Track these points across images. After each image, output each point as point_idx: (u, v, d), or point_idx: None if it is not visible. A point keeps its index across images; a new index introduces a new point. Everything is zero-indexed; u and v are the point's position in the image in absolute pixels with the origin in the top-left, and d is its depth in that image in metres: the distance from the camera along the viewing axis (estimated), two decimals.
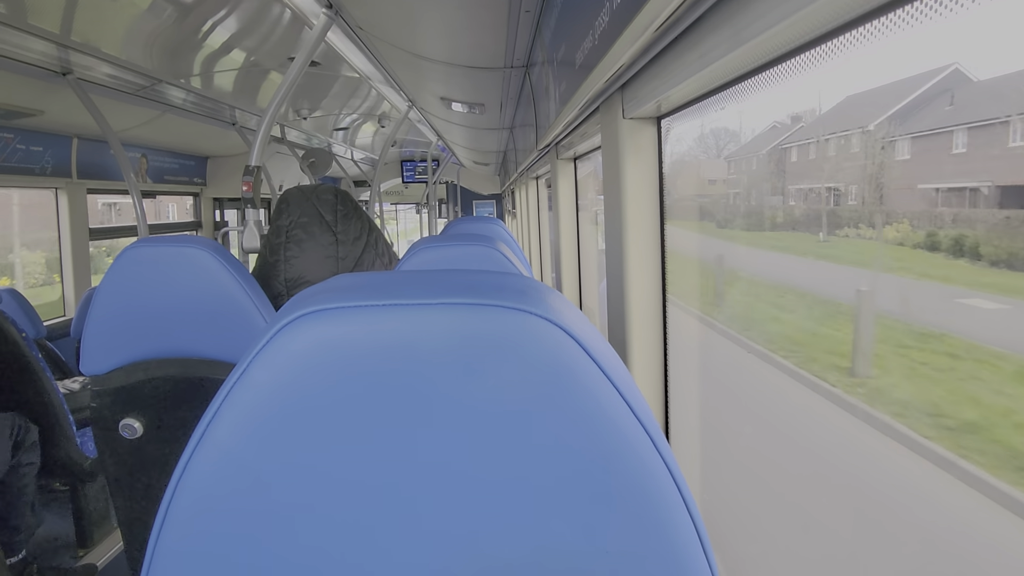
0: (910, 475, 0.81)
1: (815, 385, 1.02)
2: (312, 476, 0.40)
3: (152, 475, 1.40)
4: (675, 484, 0.41)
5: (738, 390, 1.34)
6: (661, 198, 1.25)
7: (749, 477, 1.25)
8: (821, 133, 0.99)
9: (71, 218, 3.77)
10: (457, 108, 3.75)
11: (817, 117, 1.00)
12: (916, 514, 0.83)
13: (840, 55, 0.62)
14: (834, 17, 0.57)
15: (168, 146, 4.73)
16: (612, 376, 0.40)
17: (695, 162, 1.46)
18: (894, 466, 0.84)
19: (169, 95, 3.48)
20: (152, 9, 2.30)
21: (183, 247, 1.25)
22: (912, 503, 0.83)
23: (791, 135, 1.10)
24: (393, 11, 2.13)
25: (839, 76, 0.74)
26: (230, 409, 0.40)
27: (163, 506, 0.42)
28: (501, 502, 0.40)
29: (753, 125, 1.23)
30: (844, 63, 0.63)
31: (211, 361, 1.33)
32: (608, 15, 0.96)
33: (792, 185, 1.10)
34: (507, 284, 0.42)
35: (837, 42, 0.61)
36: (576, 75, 1.41)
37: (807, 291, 1.09)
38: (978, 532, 0.73)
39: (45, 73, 2.74)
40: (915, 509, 0.83)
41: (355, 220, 1.58)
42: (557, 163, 2.56)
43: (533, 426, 0.39)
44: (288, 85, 2.20)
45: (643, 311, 1.26)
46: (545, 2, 1.74)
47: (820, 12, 0.55)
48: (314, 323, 0.39)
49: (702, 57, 0.78)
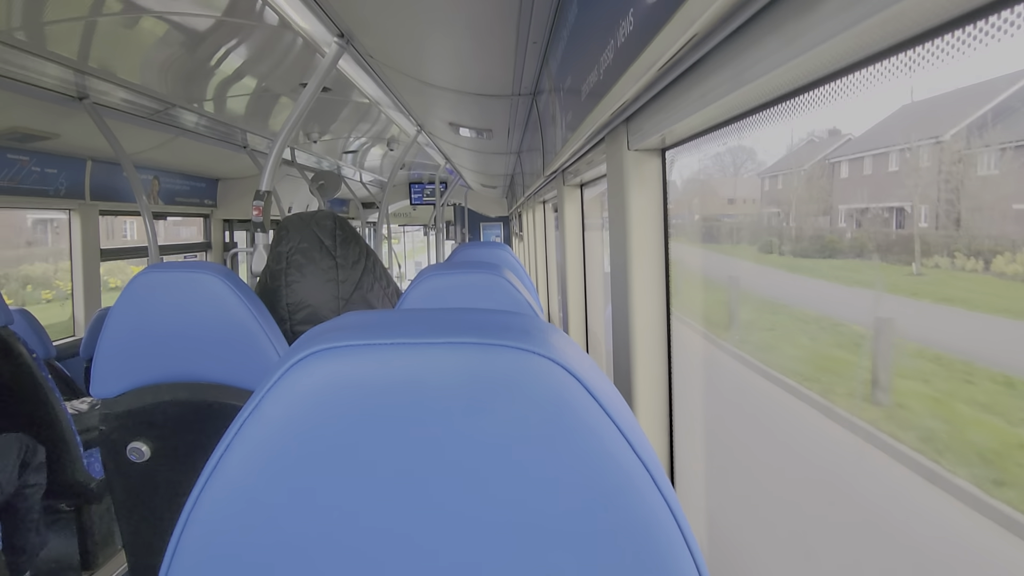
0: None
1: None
2: (320, 511, 0.41)
3: (159, 498, 1.41)
4: (676, 523, 0.41)
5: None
6: (666, 228, 1.26)
7: (764, 522, 1.19)
8: (878, 145, 0.86)
9: (83, 239, 3.82)
10: (465, 133, 3.80)
11: (871, 128, 0.85)
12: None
13: (845, 94, 0.63)
14: (836, 60, 0.59)
15: (180, 168, 4.80)
16: (613, 415, 0.41)
17: (709, 180, 1.42)
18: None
19: (182, 119, 3.54)
20: (167, 36, 2.35)
21: (195, 273, 1.27)
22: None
23: (838, 148, 0.97)
24: (403, 41, 2.17)
25: (860, 107, 0.71)
26: (242, 444, 0.42)
27: (174, 537, 0.43)
28: (504, 538, 0.41)
29: (782, 139, 1.12)
30: (849, 102, 0.64)
31: (220, 386, 1.34)
32: (613, 52, 0.98)
33: (847, 204, 0.95)
34: (512, 324, 0.44)
35: (842, 82, 0.63)
36: (582, 106, 1.43)
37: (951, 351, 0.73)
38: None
39: (62, 98, 2.80)
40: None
41: (353, 245, 1.61)
42: (564, 189, 2.58)
43: (536, 463, 0.40)
44: (300, 111, 2.25)
45: (648, 338, 1.27)
46: (552, 34, 1.77)
47: (824, 55, 0.56)
48: (324, 361, 0.41)
49: (705, 95, 0.80)
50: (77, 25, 2.15)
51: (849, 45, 0.54)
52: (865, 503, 0.89)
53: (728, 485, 1.28)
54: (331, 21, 2.05)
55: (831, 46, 0.53)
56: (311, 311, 1.54)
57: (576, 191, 2.64)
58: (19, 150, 3.27)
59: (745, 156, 1.29)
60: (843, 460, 0.95)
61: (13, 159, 3.25)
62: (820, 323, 1.04)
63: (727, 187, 1.37)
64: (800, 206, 1.09)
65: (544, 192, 3.74)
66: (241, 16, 2.19)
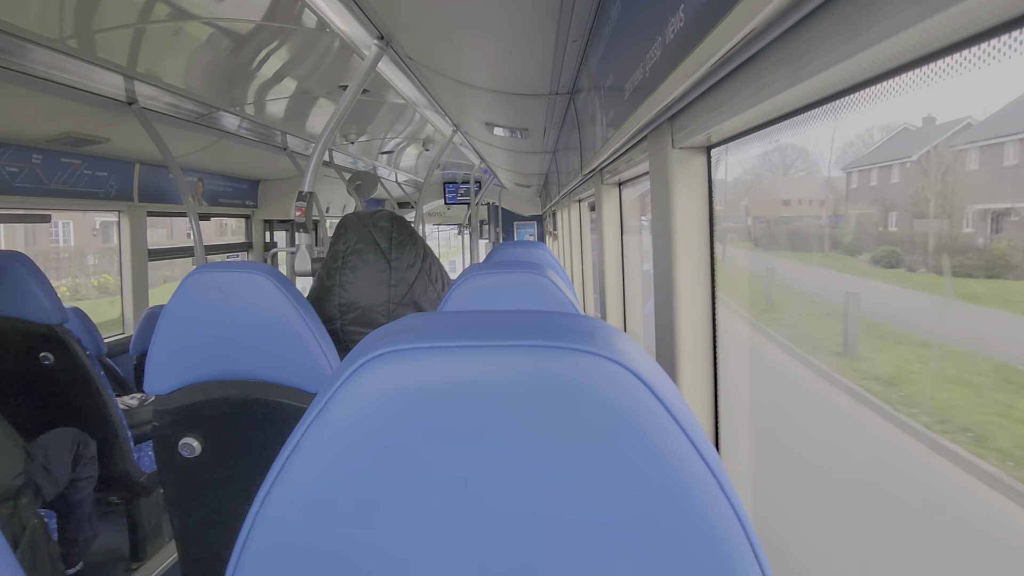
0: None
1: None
2: (383, 515, 0.41)
3: (208, 493, 1.44)
4: (743, 531, 0.40)
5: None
6: (711, 228, 1.24)
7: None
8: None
9: (132, 240, 3.94)
10: (500, 132, 3.80)
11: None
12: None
13: (921, 85, 0.60)
14: (907, 52, 0.56)
15: (223, 170, 4.91)
16: (679, 418, 0.40)
17: (762, 177, 1.33)
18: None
19: (225, 122, 3.62)
20: (211, 41, 2.41)
21: (244, 273, 1.30)
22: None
23: (956, 134, 0.76)
24: (441, 42, 2.18)
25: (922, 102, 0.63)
26: (308, 445, 0.42)
27: (241, 537, 0.44)
28: (567, 544, 0.40)
29: (858, 129, 0.94)
30: (923, 93, 0.60)
31: (267, 384, 1.37)
32: (661, 49, 0.96)
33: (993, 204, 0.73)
34: (575, 326, 0.43)
35: (916, 74, 0.60)
36: (624, 105, 1.41)
37: None
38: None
39: (112, 103, 2.89)
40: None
41: (410, 247, 1.61)
42: (602, 188, 2.56)
43: (600, 467, 0.40)
44: (340, 114, 2.27)
45: (693, 340, 1.25)
46: (592, 32, 1.75)
47: (893, 47, 0.54)
48: (390, 363, 0.41)
49: (759, 92, 0.77)
50: (126, 32, 2.21)
51: (920, 38, 0.51)
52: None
53: (779, 505, 1.24)
54: (371, 24, 2.07)
55: (903, 38, 0.51)
56: (361, 312, 1.55)
57: (614, 190, 2.62)
58: (72, 154, 3.39)
59: (796, 153, 1.20)
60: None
61: (67, 163, 3.37)
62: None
63: (786, 185, 1.26)
64: (922, 205, 0.85)
65: (580, 191, 3.71)
66: (282, 20, 2.23)
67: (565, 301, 1.14)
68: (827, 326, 1.16)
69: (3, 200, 3.07)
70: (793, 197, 1.27)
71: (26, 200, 3.19)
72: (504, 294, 1.13)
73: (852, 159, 0.99)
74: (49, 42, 2.10)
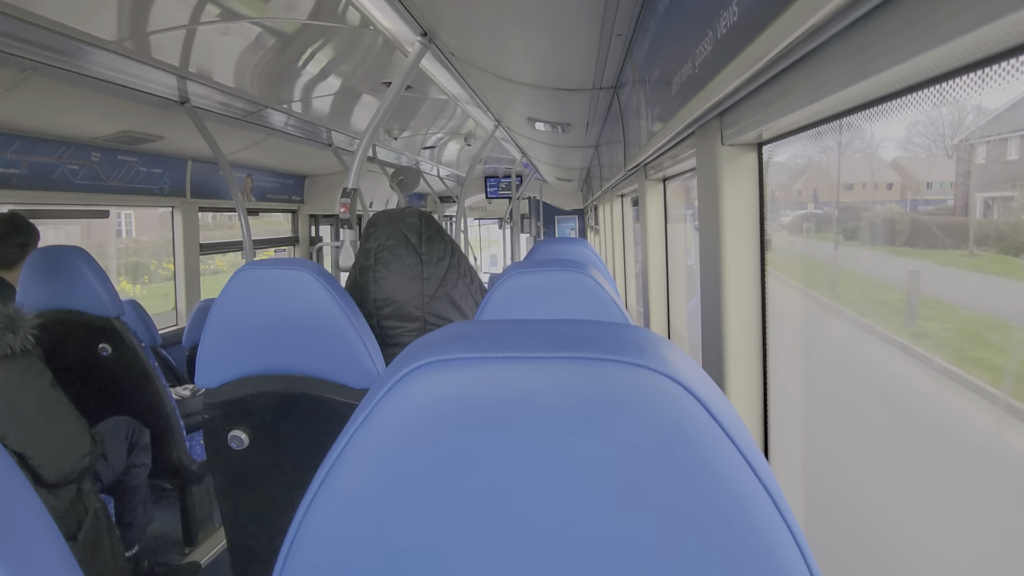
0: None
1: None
2: (427, 527, 0.40)
3: (256, 484, 1.48)
4: (800, 554, 0.38)
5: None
6: (762, 227, 1.20)
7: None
8: None
9: (184, 235, 4.07)
10: (542, 127, 3.77)
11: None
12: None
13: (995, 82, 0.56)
14: (981, 48, 0.52)
15: (270, 167, 5.03)
16: (733, 435, 0.38)
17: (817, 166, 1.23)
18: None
19: (272, 119, 3.70)
20: (258, 40, 2.46)
21: (290, 270, 1.32)
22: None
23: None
24: (484, 37, 2.17)
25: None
26: (353, 453, 0.41)
27: (287, 542, 0.44)
28: (614, 563, 0.39)
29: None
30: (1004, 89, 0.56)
31: (313, 379, 1.39)
32: (711, 44, 0.93)
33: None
34: (626, 337, 0.42)
35: (991, 70, 0.56)
36: (671, 100, 1.38)
37: None
38: None
39: (166, 102, 2.99)
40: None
41: (439, 242, 1.63)
42: (646, 183, 2.52)
43: (650, 484, 0.38)
44: (384, 110, 2.29)
45: (741, 342, 1.21)
46: (638, 26, 1.71)
47: (968, 43, 0.50)
48: (435, 373, 0.40)
49: (817, 89, 0.74)
50: (178, 34, 2.27)
51: (997, 33, 0.47)
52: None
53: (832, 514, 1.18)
54: (414, 20, 2.07)
55: (979, 35, 0.47)
56: (396, 307, 1.58)
57: (658, 185, 2.57)
58: (128, 152, 3.52)
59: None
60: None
61: (123, 160, 3.50)
62: None
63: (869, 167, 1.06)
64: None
65: (623, 186, 3.66)
66: (327, 19, 2.26)
67: (608, 301, 1.12)
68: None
69: (65, 197, 3.20)
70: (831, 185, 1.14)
71: (86, 197, 3.32)
72: (546, 293, 1.12)
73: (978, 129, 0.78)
74: (107, 44, 2.18)
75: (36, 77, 2.33)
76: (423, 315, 1.58)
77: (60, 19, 1.92)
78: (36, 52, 2.14)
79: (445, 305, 1.60)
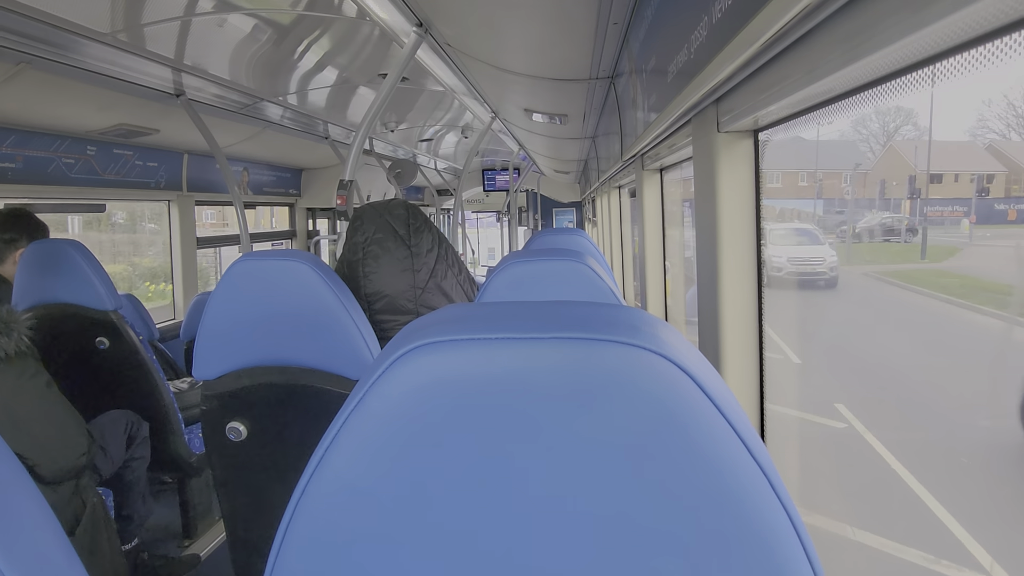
0: None
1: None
2: (425, 506, 0.41)
3: (255, 475, 1.48)
4: (796, 532, 0.38)
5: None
6: (758, 214, 1.20)
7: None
8: None
9: (181, 228, 4.06)
10: (539, 119, 3.77)
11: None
12: None
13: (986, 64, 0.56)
14: (980, 25, 0.52)
15: (266, 160, 5.01)
16: (728, 414, 0.38)
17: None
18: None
19: (268, 112, 3.69)
20: (254, 32, 2.44)
21: (287, 261, 1.32)
22: None
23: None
24: (480, 28, 2.16)
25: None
26: (347, 437, 0.41)
27: (282, 527, 0.44)
28: (607, 541, 0.39)
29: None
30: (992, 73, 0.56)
31: (310, 370, 1.39)
32: (707, 29, 0.93)
33: None
34: (619, 318, 0.41)
35: (980, 51, 0.56)
36: (667, 88, 1.37)
37: None
38: None
39: (161, 95, 2.97)
40: None
41: (426, 233, 1.63)
42: (643, 174, 2.51)
43: (644, 462, 0.38)
44: (380, 102, 2.28)
45: (737, 331, 1.21)
46: (634, 14, 1.71)
47: (965, 20, 0.50)
48: (428, 355, 0.40)
49: (811, 71, 0.74)
50: (173, 25, 2.26)
51: (991, 11, 0.47)
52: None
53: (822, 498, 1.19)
54: (410, 10, 2.07)
55: (973, 11, 0.47)
56: (388, 300, 1.57)
57: (656, 176, 2.56)
58: (124, 145, 3.50)
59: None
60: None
61: (119, 154, 3.49)
62: None
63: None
64: None
65: (620, 177, 3.66)
66: (322, 10, 2.25)
67: (605, 289, 1.13)
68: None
69: (61, 191, 3.19)
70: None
71: (82, 190, 3.31)
72: (543, 282, 1.12)
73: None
74: (101, 37, 2.16)
75: (30, 70, 2.32)
76: (416, 307, 1.58)
77: (54, 11, 1.91)
78: (30, 45, 2.13)
79: (437, 296, 1.59)
